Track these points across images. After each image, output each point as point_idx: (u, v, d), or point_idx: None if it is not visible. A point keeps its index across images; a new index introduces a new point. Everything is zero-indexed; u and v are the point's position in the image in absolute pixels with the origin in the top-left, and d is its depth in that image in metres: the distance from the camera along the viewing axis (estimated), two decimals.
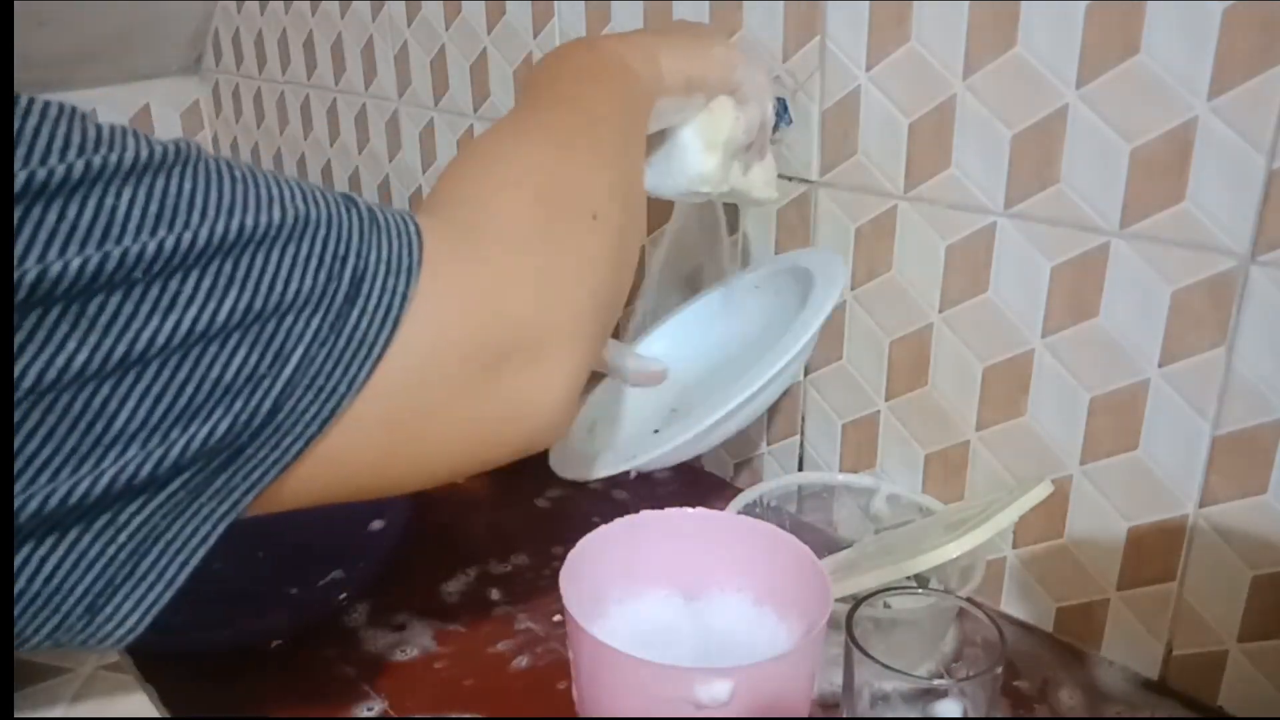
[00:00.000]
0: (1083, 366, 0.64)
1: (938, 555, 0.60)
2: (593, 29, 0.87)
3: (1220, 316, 0.57)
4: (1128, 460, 0.63)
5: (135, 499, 0.34)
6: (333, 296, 0.36)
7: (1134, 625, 0.66)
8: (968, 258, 0.67)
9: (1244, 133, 0.54)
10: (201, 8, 1.36)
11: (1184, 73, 0.55)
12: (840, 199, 0.74)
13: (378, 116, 1.16)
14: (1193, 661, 0.63)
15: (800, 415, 0.82)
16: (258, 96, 1.36)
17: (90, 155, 0.32)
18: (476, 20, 0.98)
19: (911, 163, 0.69)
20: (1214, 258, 0.57)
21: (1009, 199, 0.64)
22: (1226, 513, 0.60)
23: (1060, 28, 0.59)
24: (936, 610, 0.57)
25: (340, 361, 0.36)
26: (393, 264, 0.38)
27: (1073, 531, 0.67)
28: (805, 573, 0.59)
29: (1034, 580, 0.70)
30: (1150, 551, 0.64)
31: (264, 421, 0.35)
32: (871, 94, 0.69)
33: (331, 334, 0.36)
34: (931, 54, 0.65)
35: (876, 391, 0.76)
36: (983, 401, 0.70)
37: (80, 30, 1.25)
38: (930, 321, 0.71)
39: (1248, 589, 0.60)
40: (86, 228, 0.31)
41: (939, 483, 0.74)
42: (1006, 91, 0.63)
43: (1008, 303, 0.66)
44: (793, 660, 0.53)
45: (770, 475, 0.85)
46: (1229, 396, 0.58)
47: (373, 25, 1.11)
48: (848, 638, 0.50)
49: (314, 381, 0.36)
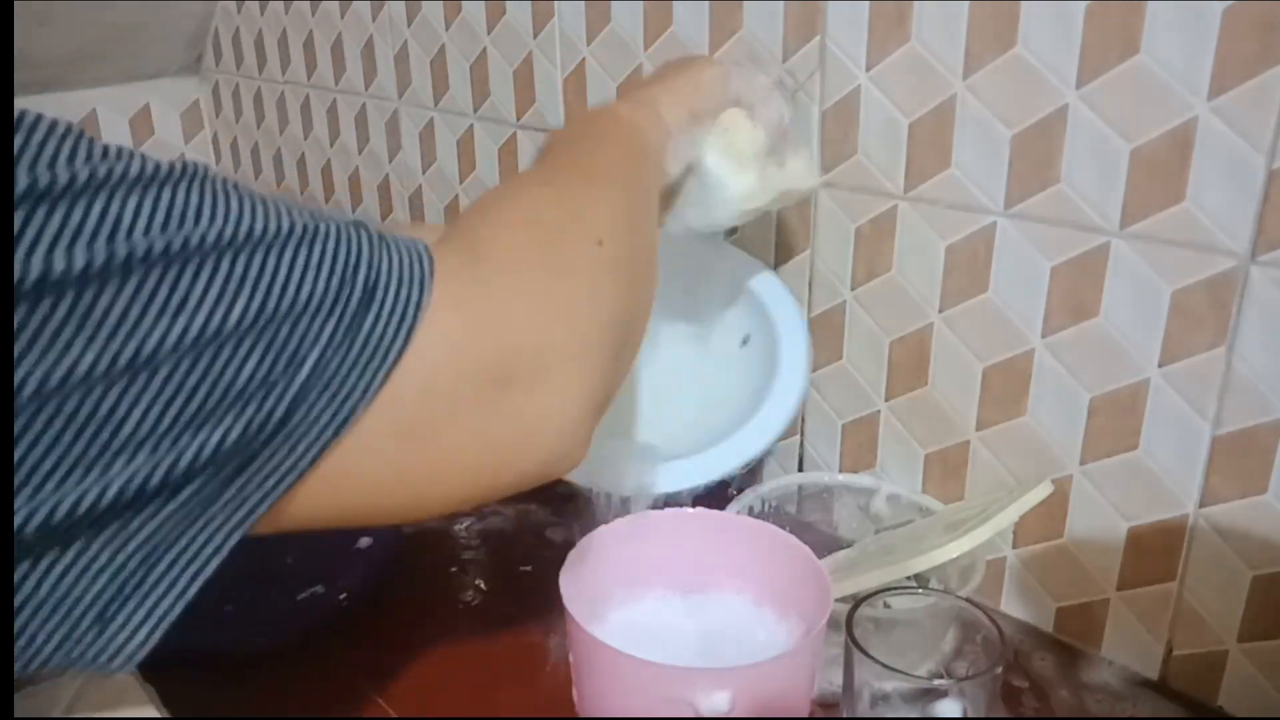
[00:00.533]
0: (1083, 366, 0.64)
1: (938, 555, 0.60)
2: (593, 29, 0.87)
3: (1220, 316, 0.57)
4: (1128, 460, 0.63)
5: (145, 507, 0.33)
6: (347, 301, 0.36)
7: (1134, 625, 0.66)
8: (968, 258, 0.67)
9: (1244, 133, 0.54)
10: (201, 8, 1.36)
11: (1184, 73, 0.55)
12: (840, 199, 0.74)
13: (378, 116, 1.16)
14: (1193, 661, 0.63)
15: (800, 415, 0.82)
16: (258, 96, 1.36)
17: (96, 164, 0.32)
18: (476, 20, 0.98)
19: (911, 163, 0.69)
20: (1214, 258, 0.57)
21: (1009, 199, 0.64)
22: (1226, 513, 0.60)
23: (1060, 28, 0.59)
24: (936, 610, 0.57)
25: (355, 366, 0.36)
26: (404, 276, 0.38)
27: (1073, 531, 0.67)
28: (805, 573, 0.59)
29: (1034, 580, 0.70)
30: (1150, 551, 0.64)
31: (277, 427, 0.34)
32: (871, 94, 0.69)
33: (346, 339, 0.36)
34: (931, 54, 0.65)
35: (876, 391, 0.76)
36: (983, 401, 0.70)
37: (80, 30, 1.25)
38: (930, 321, 0.71)
39: (1248, 589, 0.60)
40: (92, 230, 0.31)
41: (939, 483, 0.74)
42: (1006, 91, 0.63)
43: (1008, 303, 0.66)
44: (793, 660, 0.53)
45: (770, 475, 0.85)
46: (1229, 396, 0.58)
47: (373, 25, 1.11)
48: (848, 638, 0.50)
49: (328, 386, 0.35)
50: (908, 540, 0.68)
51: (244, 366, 0.34)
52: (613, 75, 0.87)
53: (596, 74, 0.88)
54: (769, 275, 0.79)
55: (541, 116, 0.95)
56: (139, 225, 0.32)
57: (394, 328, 0.37)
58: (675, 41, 0.80)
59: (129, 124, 1.41)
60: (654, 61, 0.83)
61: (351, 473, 0.37)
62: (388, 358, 0.37)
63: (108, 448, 0.32)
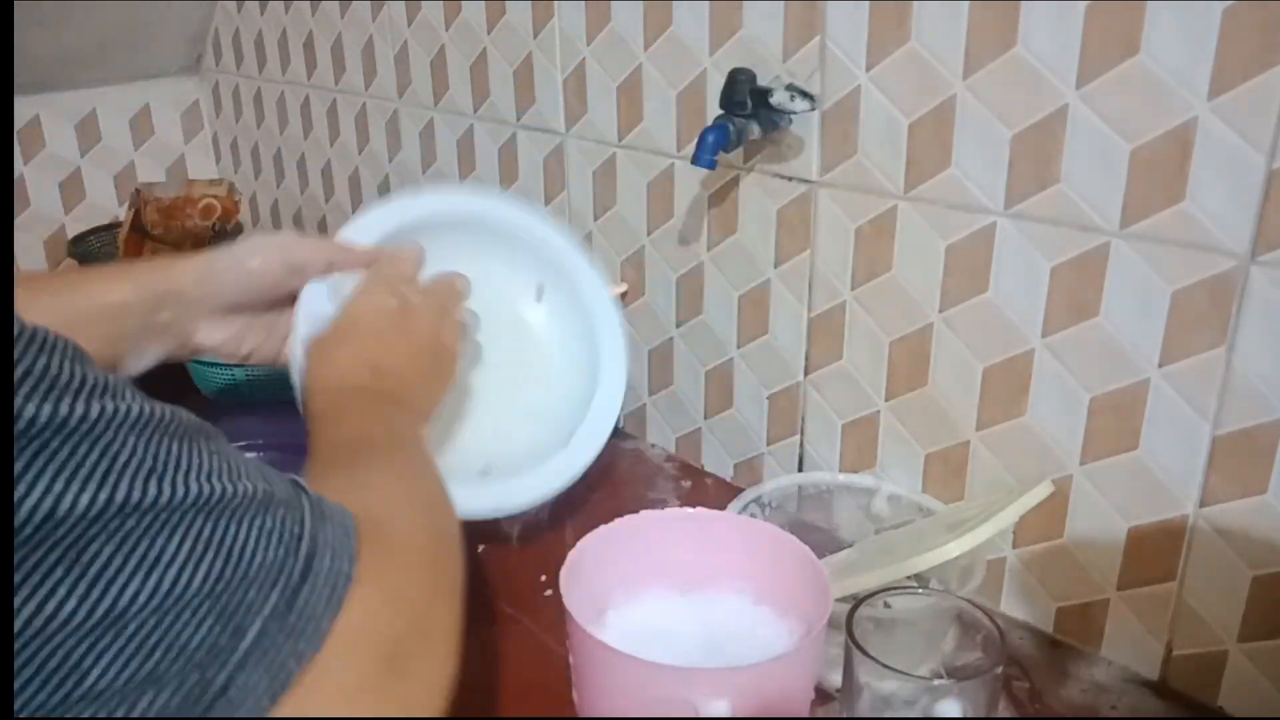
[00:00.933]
0: (1083, 366, 0.64)
1: (938, 555, 0.60)
2: (593, 29, 0.87)
3: (1220, 316, 0.57)
4: (1128, 460, 0.63)
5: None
6: (291, 572, 0.37)
7: (1134, 625, 0.66)
8: (968, 258, 0.67)
9: (1244, 133, 0.54)
10: (201, 8, 1.36)
11: (1184, 73, 0.55)
12: (840, 199, 0.74)
13: (378, 116, 1.16)
14: (1193, 661, 0.63)
15: (800, 415, 0.82)
16: (258, 96, 1.36)
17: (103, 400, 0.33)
18: (476, 20, 0.98)
19: (911, 163, 0.69)
20: (1214, 258, 0.57)
21: (1009, 199, 0.64)
22: (1226, 513, 0.60)
23: (1060, 28, 0.59)
24: (936, 610, 0.57)
25: (290, 636, 0.36)
26: (338, 548, 0.39)
27: (1073, 531, 0.67)
28: (805, 573, 0.59)
29: (1034, 580, 0.70)
30: (1150, 551, 0.64)
31: (217, 695, 0.35)
32: (871, 94, 0.69)
33: (286, 609, 0.36)
34: (931, 54, 0.65)
35: (876, 391, 0.76)
36: (983, 401, 0.70)
37: (80, 30, 1.25)
38: (930, 321, 0.71)
39: (1248, 589, 0.60)
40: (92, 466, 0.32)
41: (939, 483, 0.74)
42: (1006, 91, 0.63)
43: (1008, 303, 0.66)
44: (793, 660, 0.53)
45: (770, 475, 0.85)
46: (1229, 396, 0.58)
47: (373, 25, 1.11)
48: (848, 638, 0.50)
49: (265, 655, 0.36)
50: (908, 540, 0.68)
51: (198, 631, 0.34)
52: (613, 75, 0.87)
53: (596, 74, 0.88)
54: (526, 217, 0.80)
55: (541, 116, 0.95)
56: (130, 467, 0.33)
57: (326, 599, 0.37)
58: (675, 41, 0.80)
59: (129, 124, 1.41)
60: (654, 61, 0.83)
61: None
62: (320, 628, 0.37)
63: (69, 697, 0.32)
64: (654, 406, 0.95)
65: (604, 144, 0.90)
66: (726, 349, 0.86)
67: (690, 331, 0.89)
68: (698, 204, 0.84)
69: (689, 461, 0.93)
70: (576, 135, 0.92)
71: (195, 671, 0.34)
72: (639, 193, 0.88)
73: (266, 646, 0.36)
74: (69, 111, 1.35)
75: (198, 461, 0.36)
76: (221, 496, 0.36)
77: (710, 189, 0.82)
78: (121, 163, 1.41)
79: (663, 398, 0.93)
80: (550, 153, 0.96)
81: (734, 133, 0.71)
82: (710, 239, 0.84)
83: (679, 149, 0.84)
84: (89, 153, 1.38)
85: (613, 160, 0.90)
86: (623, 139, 0.88)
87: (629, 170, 0.89)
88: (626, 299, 0.93)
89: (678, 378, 0.91)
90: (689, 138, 0.82)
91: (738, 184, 0.80)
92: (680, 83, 0.81)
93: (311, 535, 0.38)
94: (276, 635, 0.36)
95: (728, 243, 0.82)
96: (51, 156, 1.35)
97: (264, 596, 0.36)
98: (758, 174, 0.78)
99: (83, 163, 1.38)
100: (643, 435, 0.97)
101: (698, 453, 0.92)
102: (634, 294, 0.92)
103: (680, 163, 0.84)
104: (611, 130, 0.89)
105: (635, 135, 0.87)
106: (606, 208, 0.92)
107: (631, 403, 0.96)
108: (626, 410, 0.97)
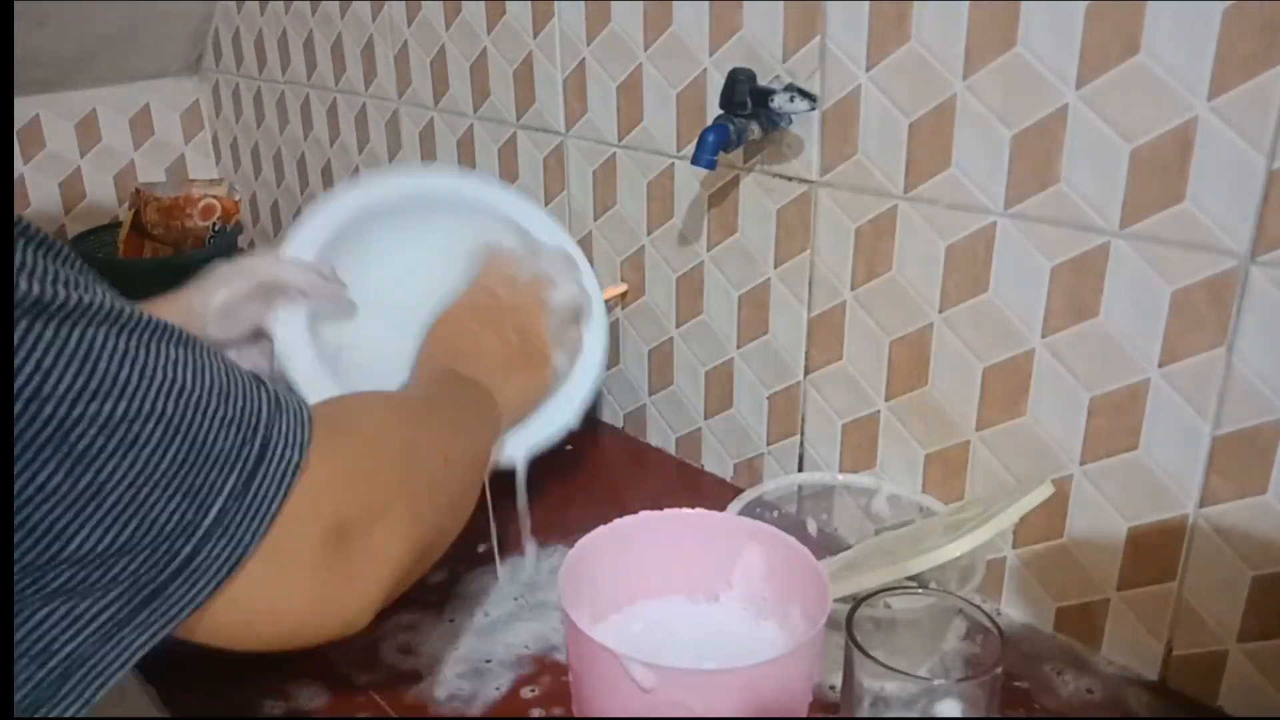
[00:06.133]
0: (1083, 366, 0.64)
1: (938, 555, 0.60)
2: (593, 29, 0.87)
3: (1220, 316, 0.57)
4: (1128, 460, 0.63)
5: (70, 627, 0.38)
6: (247, 458, 0.41)
7: (1134, 625, 0.66)
8: (968, 258, 0.67)
9: (1244, 133, 0.54)
10: (201, 8, 1.36)
11: (1184, 73, 0.55)
12: (840, 199, 0.74)
13: (378, 116, 1.16)
14: (1193, 661, 0.63)
15: (800, 415, 0.82)
16: (258, 96, 1.36)
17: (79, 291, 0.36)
18: (476, 20, 0.98)
19: (911, 163, 0.69)
20: (1214, 258, 0.57)
21: (1009, 199, 0.64)
22: (1226, 513, 0.60)
23: (1060, 28, 0.59)
24: (936, 610, 0.57)
25: (246, 515, 0.41)
26: (290, 439, 0.43)
27: (1073, 531, 0.67)
28: (805, 573, 0.59)
29: (1034, 580, 0.70)
30: (1150, 551, 0.64)
31: (183, 564, 0.39)
32: (871, 94, 0.69)
33: (243, 491, 0.41)
34: (931, 54, 0.65)
35: (876, 391, 0.76)
36: (983, 401, 0.70)
37: (80, 30, 1.25)
38: (930, 321, 0.71)
39: (1248, 589, 0.60)
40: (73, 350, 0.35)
41: (939, 483, 0.74)
42: (1006, 91, 0.63)
43: (1008, 303, 0.66)
44: (793, 661, 0.53)
45: (770, 475, 0.85)
46: (1229, 396, 0.58)
47: (373, 25, 1.11)
48: (848, 638, 0.50)
49: (225, 531, 0.40)
50: (908, 540, 0.68)
51: (167, 506, 0.38)
52: (613, 75, 0.87)
53: (596, 74, 0.88)
54: (465, 183, 0.81)
55: (541, 116, 0.95)
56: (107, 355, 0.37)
57: (277, 484, 0.42)
58: (675, 41, 0.80)
59: (129, 124, 1.41)
60: (654, 61, 0.83)
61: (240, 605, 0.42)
62: (270, 508, 0.42)
63: (55, 559, 0.36)
64: (654, 406, 0.95)
65: (604, 144, 0.90)
66: (726, 349, 0.86)
67: (690, 331, 0.89)
68: (698, 204, 0.84)
69: (689, 461, 0.93)
70: (576, 135, 0.92)
71: (165, 543, 0.39)
72: (639, 193, 0.88)
73: (227, 524, 0.40)
74: (69, 111, 1.36)
75: (170, 355, 0.39)
76: (186, 387, 0.39)
77: (710, 189, 0.82)
78: (121, 163, 1.42)
79: (663, 398, 0.93)
80: (550, 153, 0.96)
81: (734, 133, 0.71)
82: (710, 239, 0.84)
83: (679, 149, 0.84)
84: (89, 153, 1.38)
85: (613, 160, 0.90)
86: (623, 139, 0.88)
87: (629, 170, 0.89)
88: (626, 299, 0.93)
89: (678, 378, 0.91)
90: (689, 138, 0.82)
91: (738, 184, 0.80)
92: (680, 83, 0.81)
93: (267, 425, 0.42)
94: (235, 514, 0.40)
95: (728, 243, 0.82)
96: (51, 156, 1.35)
97: (224, 478, 0.40)
98: (758, 174, 0.78)
99: (83, 163, 1.38)
100: (643, 435, 0.97)
101: (698, 453, 0.92)
102: (634, 294, 0.92)
103: (680, 163, 0.84)
104: (611, 130, 0.89)
105: (635, 135, 0.87)
106: (606, 208, 0.92)
107: (631, 403, 0.96)
108: (627, 410, 0.98)
